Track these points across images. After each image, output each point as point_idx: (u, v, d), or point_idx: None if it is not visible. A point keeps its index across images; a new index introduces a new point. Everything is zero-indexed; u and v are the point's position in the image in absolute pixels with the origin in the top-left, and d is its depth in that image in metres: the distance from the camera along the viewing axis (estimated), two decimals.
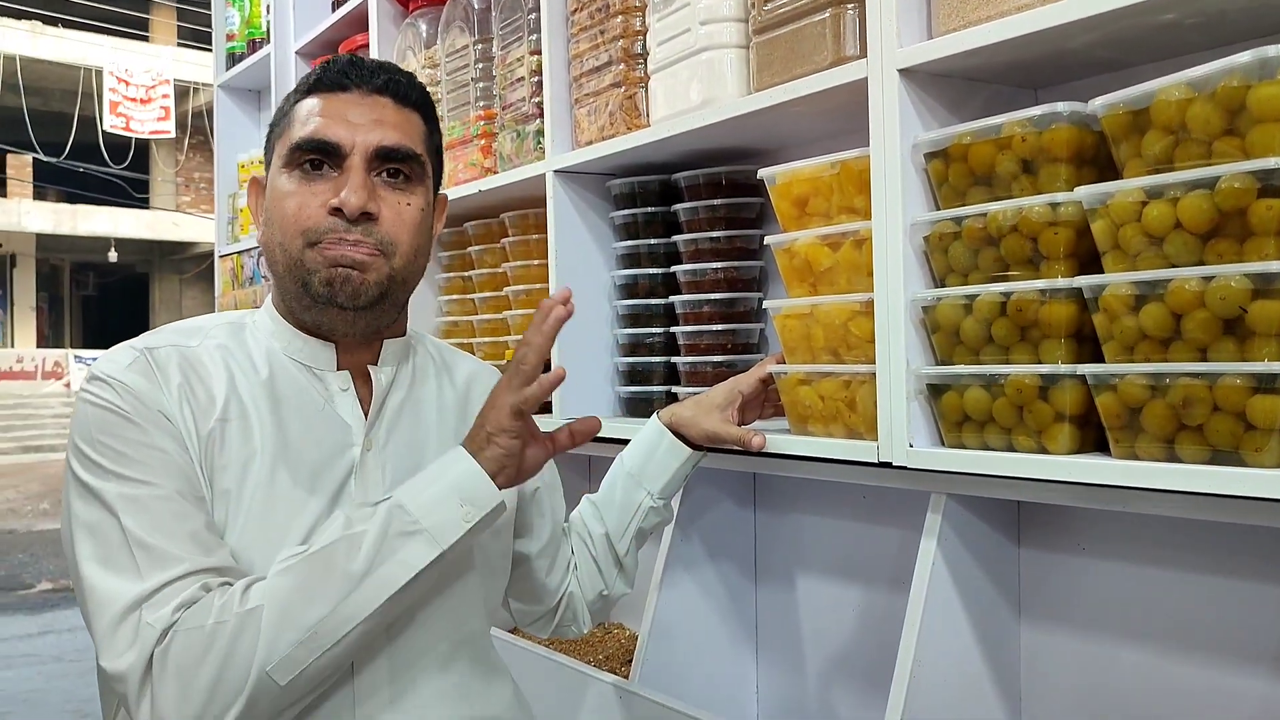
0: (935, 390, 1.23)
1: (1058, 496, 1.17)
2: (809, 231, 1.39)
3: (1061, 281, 1.11)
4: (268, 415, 1.14)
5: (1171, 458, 1.02)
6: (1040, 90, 1.36)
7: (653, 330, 1.83)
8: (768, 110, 1.44)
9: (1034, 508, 1.37)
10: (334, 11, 2.69)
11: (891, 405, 1.25)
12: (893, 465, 1.26)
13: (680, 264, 1.76)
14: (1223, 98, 0.97)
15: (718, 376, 1.68)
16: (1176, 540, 1.25)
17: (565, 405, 1.86)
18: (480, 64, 2.13)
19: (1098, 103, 1.08)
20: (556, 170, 1.85)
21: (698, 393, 1.69)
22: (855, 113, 1.30)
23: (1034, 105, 1.14)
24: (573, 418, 1.84)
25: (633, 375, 1.85)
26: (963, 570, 1.31)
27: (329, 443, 1.16)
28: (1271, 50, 0.93)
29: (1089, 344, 1.11)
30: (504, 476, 1.10)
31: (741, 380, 1.46)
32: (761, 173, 1.45)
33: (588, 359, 1.89)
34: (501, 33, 2.05)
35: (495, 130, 2.08)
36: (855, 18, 1.33)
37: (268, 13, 3.04)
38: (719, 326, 1.72)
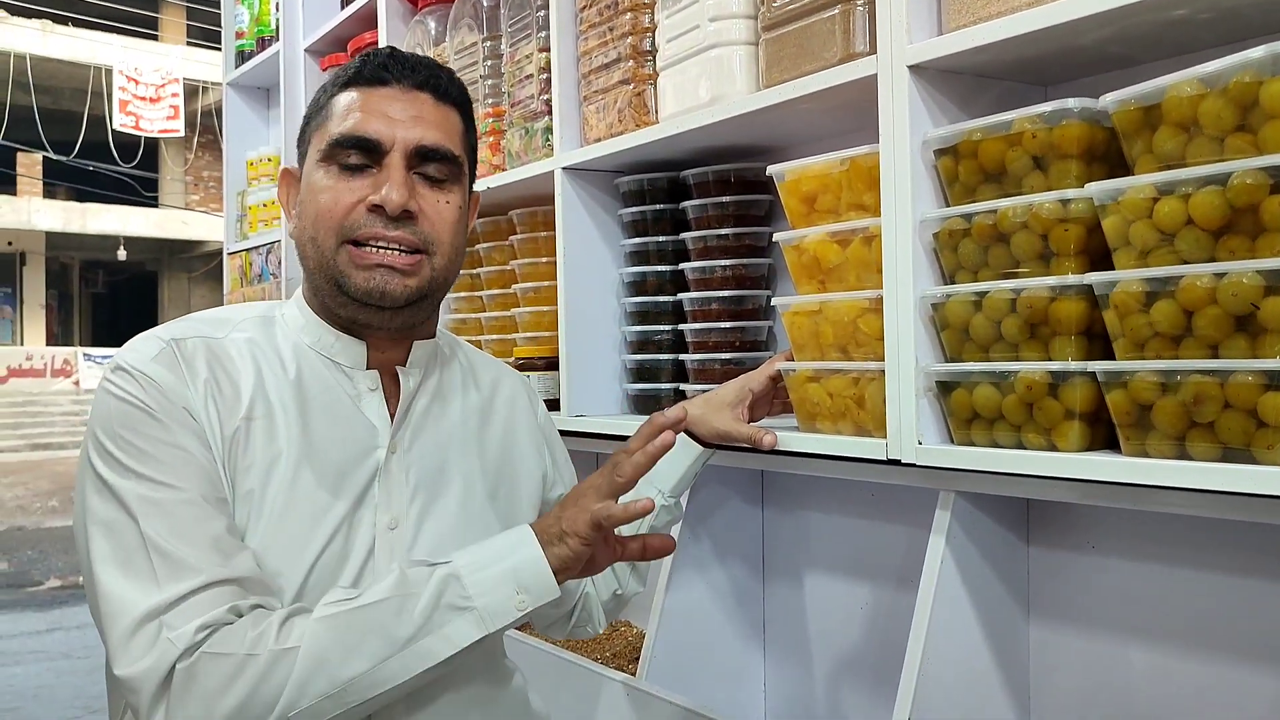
0: (944, 387, 1.23)
1: (1067, 494, 1.17)
2: (818, 228, 1.39)
3: (1072, 278, 1.10)
4: (294, 414, 1.12)
5: (1182, 455, 1.02)
6: (1051, 87, 1.35)
7: (661, 327, 1.83)
8: (776, 107, 1.43)
9: (1043, 505, 1.37)
10: (343, 9, 2.70)
11: (900, 402, 1.24)
12: (901, 463, 1.25)
13: (689, 261, 1.76)
14: (1235, 93, 0.97)
15: (726, 374, 1.68)
16: (1186, 538, 1.25)
17: (574, 402, 1.86)
18: (489, 61, 2.13)
19: (1109, 99, 1.07)
20: (565, 167, 1.85)
21: (706, 390, 1.69)
22: (865, 109, 1.30)
23: (1044, 102, 1.14)
24: (583, 415, 1.86)
25: (641, 372, 1.85)
26: (971, 568, 1.30)
27: (354, 444, 1.14)
28: None
29: (1099, 341, 1.11)
30: (566, 575, 1.07)
31: (752, 378, 1.45)
32: (770, 169, 1.45)
33: (596, 356, 1.89)
34: (510, 30, 2.05)
35: (504, 127, 2.08)
36: (865, 14, 1.32)
37: (277, 10, 3.04)
38: (727, 324, 1.71)
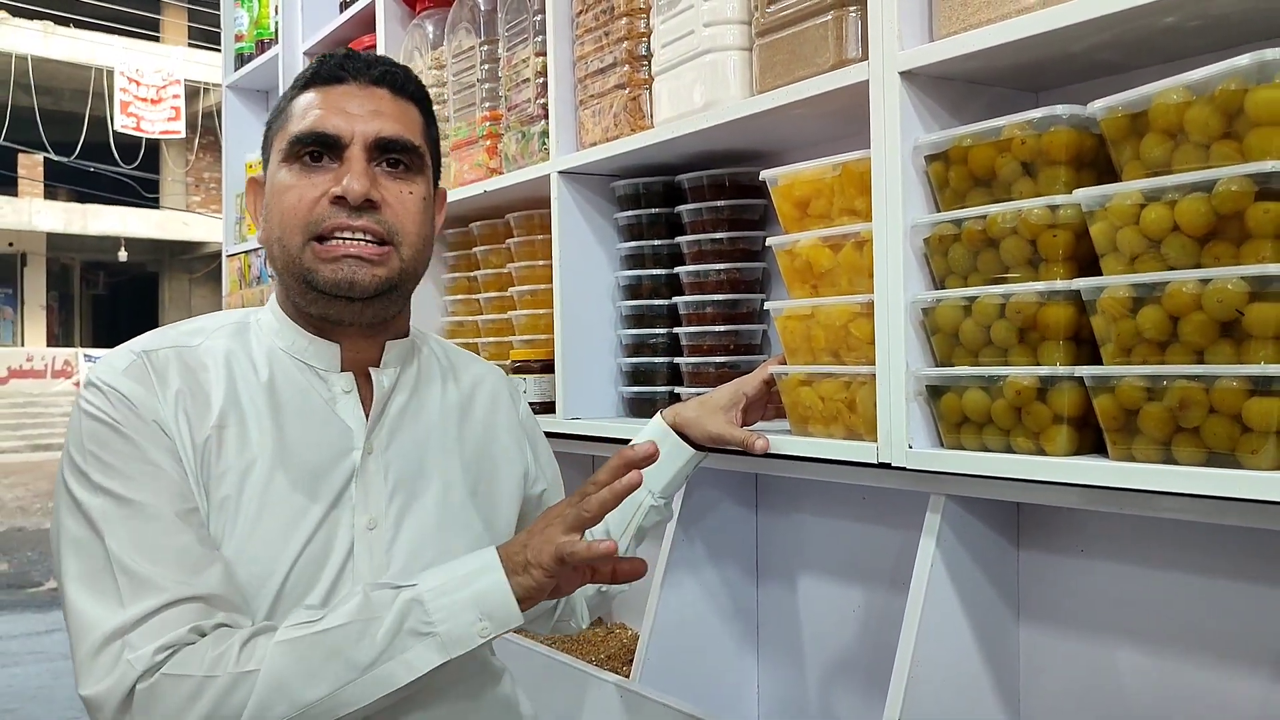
0: (934, 392, 1.24)
1: (1055, 498, 1.18)
2: (810, 233, 1.39)
3: (1060, 284, 1.11)
4: (267, 419, 1.13)
5: (1168, 460, 1.02)
6: (1042, 93, 1.36)
7: (656, 331, 1.83)
8: (770, 112, 1.44)
9: (1034, 509, 1.37)
10: (342, 13, 2.71)
11: (891, 406, 1.25)
12: (892, 466, 1.26)
13: (684, 265, 1.77)
14: (1221, 101, 0.98)
15: (720, 377, 1.69)
16: (1175, 542, 1.25)
17: (569, 405, 1.87)
18: (486, 65, 2.14)
19: (1097, 105, 1.08)
20: (561, 171, 1.86)
21: (700, 393, 1.70)
22: (857, 115, 1.30)
23: (1036, 108, 1.14)
24: (578, 418, 1.86)
25: (636, 376, 1.86)
26: (962, 571, 1.31)
27: (329, 446, 1.15)
28: (1270, 54, 0.94)
29: (1087, 346, 1.12)
30: (531, 603, 1.07)
31: (745, 382, 1.46)
32: (764, 174, 1.46)
33: (591, 359, 1.89)
34: (507, 34, 2.06)
35: (501, 131, 2.09)
36: (857, 20, 1.33)
37: (276, 14, 3.05)
38: (722, 328, 1.72)
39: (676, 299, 1.78)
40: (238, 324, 1.21)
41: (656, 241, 1.83)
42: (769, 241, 1.46)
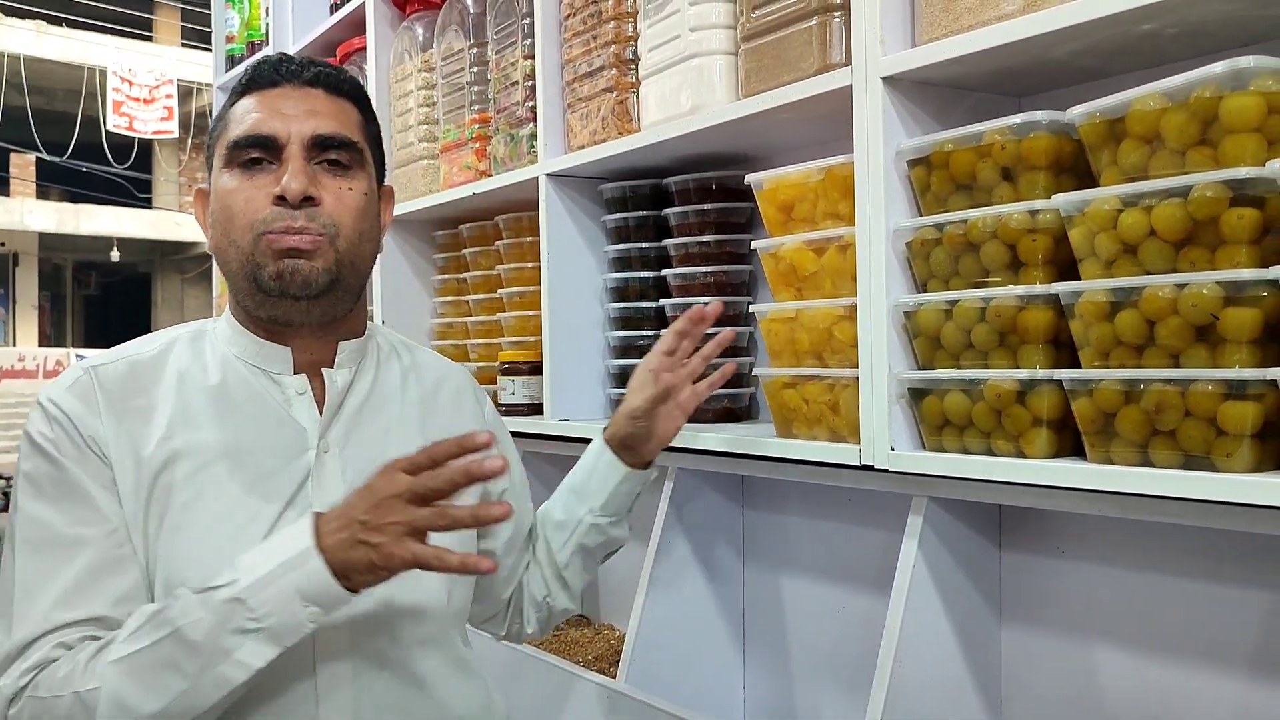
0: (916, 394, 1.25)
1: (1034, 500, 1.19)
2: (794, 236, 1.40)
3: (1039, 288, 1.12)
4: (219, 425, 1.14)
5: (1145, 462, 1.03)
6: (1024, 98, 1.37)
7: (644, 333, 1.84)
8: (755, 116, 1.45)
9: (1016, 511, 1.38)
10: (332, 14, 2.71)
11: (874, 409, 1.26)
12: (874, 468, 1.27)
13: (671, 268, 1.78)
14: (1196, 108, 0.99)
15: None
16: (1154, 544, 1.27)
17: (558, 407, 1.88)
18: (475, 68, 2.15)
19: (1076, 111, 1.09)
20: (549, 174, 1.87)
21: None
22: (842, 119, 1.31)
23: (1018, 113, 1.15)
24: (567, 420, 1.87)
25: (624, 377, 1.86)
26: (944, 572, 1.32)
27: (283, 448, 1.16)
28: (1244, 61, 0.95)
29: (1066, 350, 1.13)
30: (364, 577, 1.01)
31: (647, 360, 1.40)
32: (749, 178, 1.47)
33: (579, 361, 1.90)
34: (496, 37, 2.06)
35: (490, 134, 2.10)
36: (841, 26, 1.34)
37: (267, 15, 3.05)
38: (708, 330, 1.72)
39: (664, 301, 1.79)
40: (194, 333, 1.23)
41: (644, 244, 1.84)
42: (754, 244, 1.47)
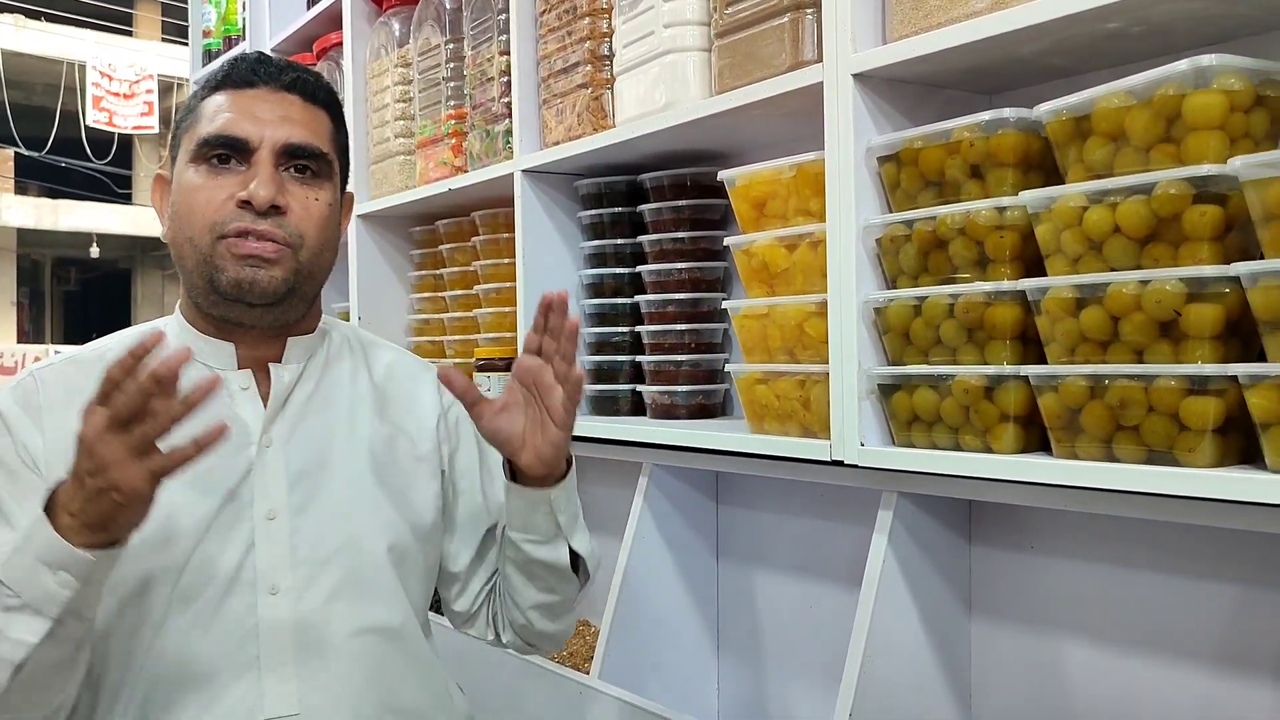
0: (886, 390, 1.25)
1: (1001, 495, 1.20)
2: (766, 233, 1.41)
3: (1006, 284, 1.13)
4: None
5: (1110, 457, 1.04)
6: (995, 96, 1.38)
7: (618, 329, 1.84)
8: (729, 113, 1.45)
9: (985, 506, 1.39)
10: (309, 9, 2.70)
11: (844, 404, 1.27)
12: (844, 463, 1.28)
13: (646, 264, 1.78)
14: (1160, 106, 0.99)
15: (682, 375, 1.71)
16: (1121, 538, 1.28)
17: None
18: (451, 63, 2.14)
19: (1042, 109, 1.10)
20: (524, 170, 1.87)
21: (666, 391, 1.71)
22: (814, 116, 1.32)
23: (988, 110, 1.16)
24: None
25: (599, 374, 1.87)
26: (913, 567, 1.33)
27: (224, 443, 1.13)
28: (1206, 59, 0.96)
29: (1033, 346, 1.14)
30: (99, 533, 0.97)
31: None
32: (722, 175, 1.47)
33: None
34: (472, 33, 2.06)
35: (466, 129, 2.09)
36: (813, 23, 1.34)
37: (243, 10, 3.04)
38: (683, 326, 1.73)
39: (639, 297, 1.79)
40: (143, 331, 1.21)
41: (619, 240, 1.84)
42: (727, 241, 1.47)
